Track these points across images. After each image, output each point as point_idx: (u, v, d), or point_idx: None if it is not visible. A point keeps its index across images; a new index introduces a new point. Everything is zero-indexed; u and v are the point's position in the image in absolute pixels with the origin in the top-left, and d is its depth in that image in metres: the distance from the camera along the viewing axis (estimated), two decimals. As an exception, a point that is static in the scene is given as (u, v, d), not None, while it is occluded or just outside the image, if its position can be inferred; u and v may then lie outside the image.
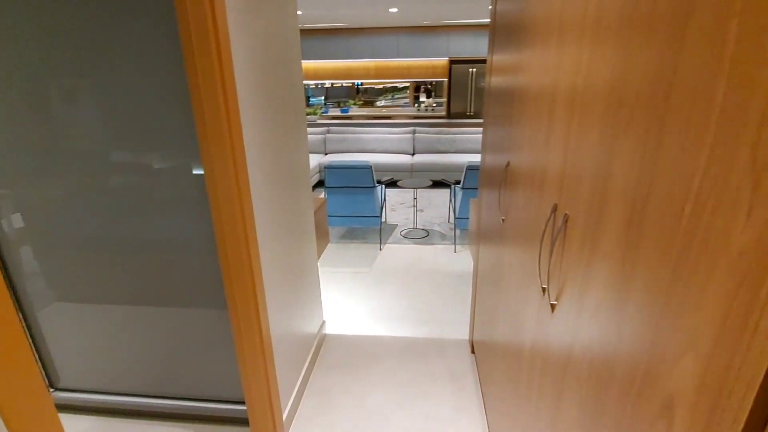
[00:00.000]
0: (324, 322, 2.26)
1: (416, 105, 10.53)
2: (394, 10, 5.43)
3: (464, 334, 2.29)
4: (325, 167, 3.15)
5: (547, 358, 0.87)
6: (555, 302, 0.82)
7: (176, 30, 1.22)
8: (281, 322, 1.59)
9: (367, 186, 3.22)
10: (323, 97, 12.02)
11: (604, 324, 0.60)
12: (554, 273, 0.82)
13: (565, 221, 0.75)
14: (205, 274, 1.50)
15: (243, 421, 1.70)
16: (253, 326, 1.39)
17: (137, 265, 1.52)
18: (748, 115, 0.34)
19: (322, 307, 2.24)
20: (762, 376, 0.33)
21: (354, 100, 10.98)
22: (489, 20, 1.68)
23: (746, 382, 0.34)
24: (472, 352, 2.14)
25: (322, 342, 2.21)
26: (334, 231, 3.86)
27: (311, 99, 11.54)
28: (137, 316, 1.60)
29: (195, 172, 1.39)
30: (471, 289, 2.70)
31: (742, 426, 0.34)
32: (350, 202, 3.30)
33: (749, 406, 0.34)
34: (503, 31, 1.42)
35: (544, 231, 0.85)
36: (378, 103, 11.20)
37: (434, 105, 9.65)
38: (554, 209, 0.82)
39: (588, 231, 0.66)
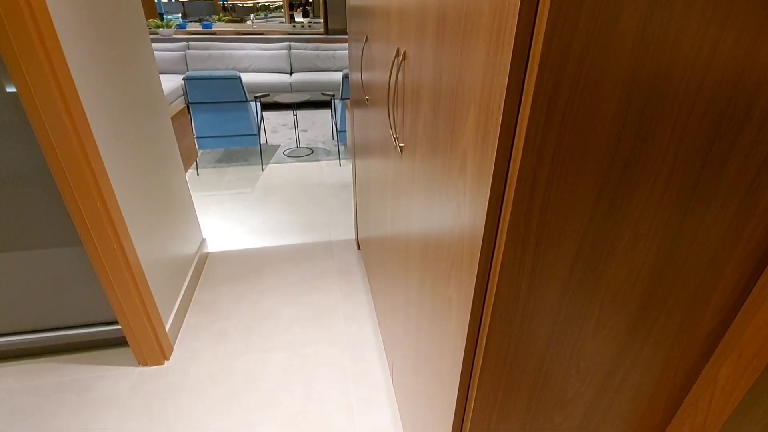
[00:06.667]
0: (204, 240, 2.15)
1: (293, 25, 9.66)
2: None
3: (351, 235, 2.41)
4: (184, 78, 2.77)
5: (400, 221, 0.96)
6: (402, 144, 0.89)
7: None
8: (149, 243, 1.46)
9: (239, 100, 2.95)
10: (180, 14, 10.23)
11: (429, 127, 0.68)
12: (399, 123, 0.89)
13: (404, 57, 0.80)
14: (54, 210, 1.29)
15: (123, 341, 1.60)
16: (114, 253, 1.27)
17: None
18: None
19: (198, 225, 2.11)
20: (504, 96, 0.40)
21: (219, 16, 9.61)
22: None
23: (497, 106, 0.42)
24: (359, 248, 2.28)
25: (204, 259, 2.12)
26: (208, 155, 3.54)
27: (165, 16, 9.73)
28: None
29: (9, 90, 1.11)
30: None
31: (498, 133, 0.43)
32: (222, 121, 3.02)
33: (500, 120, 0.42)
34: None
35: (390, 74, 0.89)
36: (248, 22, 9.97)
37: (311, 25, 8.98)
38: (397, 52, 0.85)
39: (416, 66, 0.71)
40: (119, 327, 1.53)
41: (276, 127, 4.31)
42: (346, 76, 3.01)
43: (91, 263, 1.38)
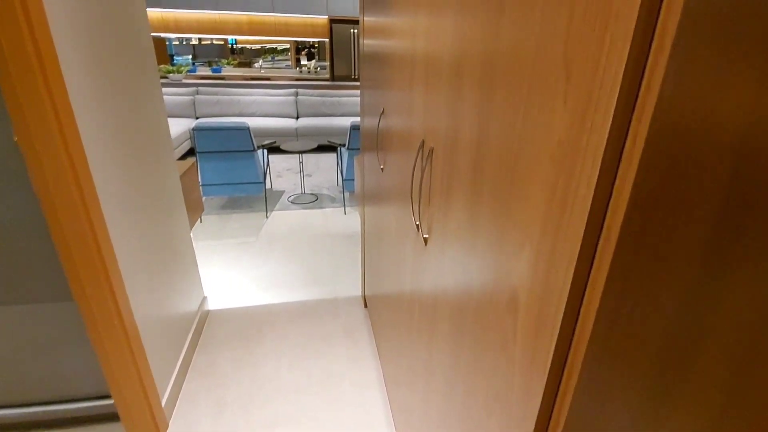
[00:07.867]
0: (205, 298, 2.07)
1: (299, 68, 9.96)
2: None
3: (357, 291, 2.34)
4: (193, 129, 2.80)
5: (423, 292, 0.91)
6: (427, 235, 0.85)
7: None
8: (147, 304, 1.39)
9: (246, 150, 2.97)
10: (190, 56, 10.61)
11: (463, 239, 0.64)
12: (425, 211, 0.85)
13: (430, 153, 0.77)
14: (43, 262, 1.22)
15: (115, 416, 1.49)
16: (110, 313, 1.19)
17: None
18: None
19: (200, 282, 2.04)
20: (578, 248, 0.36)
21: (228, 59, 9.97)
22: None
23: (566, 261, 0.38)
24: (365, 306, 2.20)
25: (205, 319, 2.03)
26: (212, 201, 3.52)
27: (176, 58, 10.09)
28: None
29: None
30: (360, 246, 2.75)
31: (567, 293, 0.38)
32: (228, 169, 3.02)
33: (571, 277, 0.38)
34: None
35: (414, 166, 0.87)
36: (256, 65, 10.32)
37: (318, 68, 9.27)
38: (422, 145, 0.83)
39: (446, 161, 0.68)
40: (111, 402, 1.43)
41: (281, 171, 4.33)
42: (353, 127, 3.05)
43: (85, 326, 1.30)
